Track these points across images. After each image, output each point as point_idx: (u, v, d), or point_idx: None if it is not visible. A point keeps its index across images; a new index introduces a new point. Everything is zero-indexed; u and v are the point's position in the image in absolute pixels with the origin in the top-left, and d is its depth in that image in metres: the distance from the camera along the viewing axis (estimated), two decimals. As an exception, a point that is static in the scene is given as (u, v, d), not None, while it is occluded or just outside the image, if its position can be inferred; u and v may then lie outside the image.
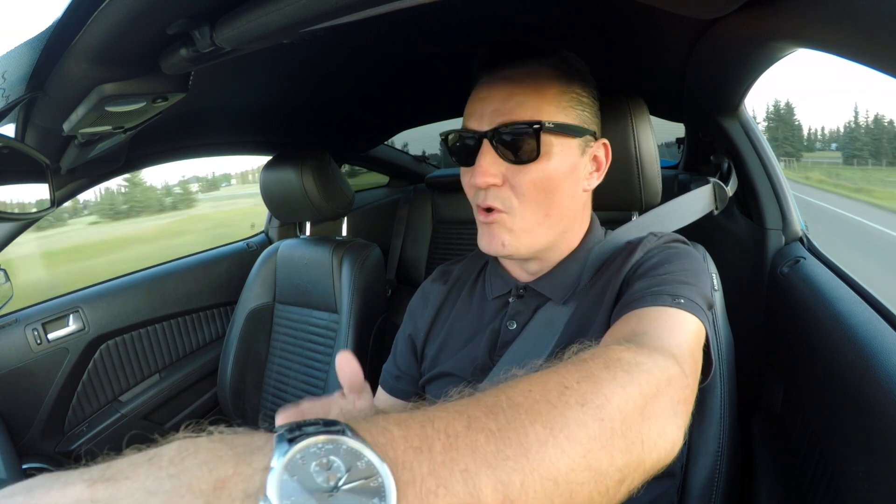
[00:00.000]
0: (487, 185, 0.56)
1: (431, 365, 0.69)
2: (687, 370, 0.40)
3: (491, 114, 0.56)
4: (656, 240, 0.61)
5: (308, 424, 0.22)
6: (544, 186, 0.56)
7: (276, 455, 0.20)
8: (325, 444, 0.21)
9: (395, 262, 1.86)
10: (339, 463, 0.20)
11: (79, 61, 0.51)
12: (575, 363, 0.34)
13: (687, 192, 0.77)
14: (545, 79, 0.57)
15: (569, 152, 0.58)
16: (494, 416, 0.26)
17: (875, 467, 0.48)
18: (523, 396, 0.28)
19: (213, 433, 0.22)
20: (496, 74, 0.57)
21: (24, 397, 1.16)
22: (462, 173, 0.61)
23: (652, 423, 0.32)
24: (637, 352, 0.37)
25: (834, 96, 45.82)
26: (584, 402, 0.29)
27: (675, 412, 0.35)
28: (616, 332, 0.47)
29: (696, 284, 0.51)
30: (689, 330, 0.46)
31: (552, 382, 0.30)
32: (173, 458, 0.20)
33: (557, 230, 0.61)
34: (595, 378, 0.32)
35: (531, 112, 0.55)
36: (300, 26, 0.44)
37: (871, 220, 7.60)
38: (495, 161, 0.55)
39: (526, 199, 0.56)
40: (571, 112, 0.58)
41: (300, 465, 0.20)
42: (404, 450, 0.22)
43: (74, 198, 1.14)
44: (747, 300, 0.95)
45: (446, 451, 0.23)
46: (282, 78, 0.97)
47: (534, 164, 0.55)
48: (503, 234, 0.58)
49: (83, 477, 0.19)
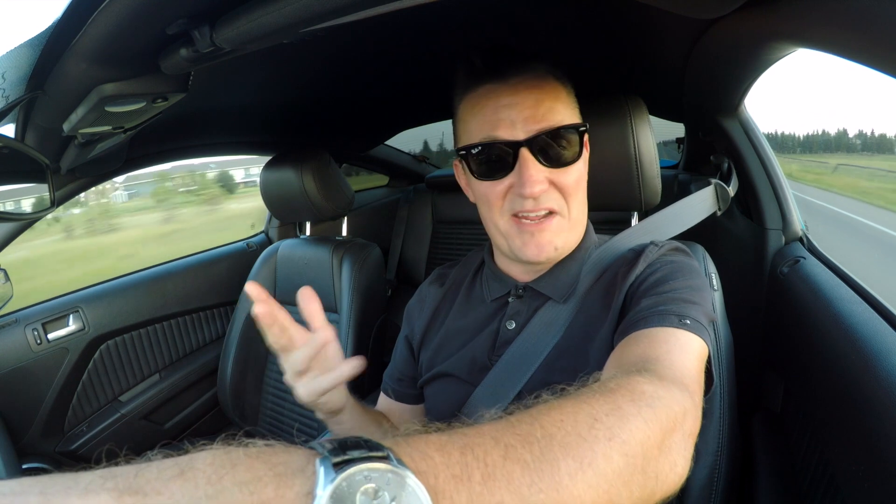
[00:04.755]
0: (539, 192, 0.56)
1: (429, 366, 0.69)
2: (697, 401, 0.41)
3: (524, 121, 0.56)
4: (657, 249, 0.61)
5: (351, 447, 0.21)
6: (581, 184, 0.60)
7: (321, 481, 0.19)
8: (371, 471, 0.20)
9: (395, 262, 1.86)
10: (384, 493, 0.20)
11: (79, 61, 0.51)
12: (602, 394, 0.34)
13: (689, 195, 0.76)
14: (553, 82, 0.58)
15: (585, 149, 0.61)
16: (529, 447, 0.27)
17: (875, 467, 0.48)
18: (556, 427, 0.29)
19: (248, 446, 0.21)
20: (504, 81, 0.57)
21: (24, 397, 1.16)
22: (487, 186, 0.59)
23: (666, 458, 0.33)
24: (658, 385, 0.38)
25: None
26: (612, 436, 0.30)
27: (686, 446, 0.36)
28: (626, 355, 0.48)
29: (700, 303, 0.52)
30: (696, 355, 0.47)
31: (582, 413, 0.31)
32: (209, 475, 0.19)
33: (585, 225, 0.65)
34: (622, 412, 0.32)
35: (561, 116, 0.57)
36: (300, 26, 0.44)
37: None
38: (539, 168, 0.56)
39: (572, 198, 0.59)
40: (577, 110, 0.62)
41: (346, 492, 0.19)
42: (445, 478, 0.23)
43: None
44: (747, 300, 0.95)
45: (485, 481, 0.24)
46: (282, 78, 0.97)
47: (574, 165, 0.58)
48: (554, 238, 0.59)
49: (107, 485, 0.17)
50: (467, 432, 0.27)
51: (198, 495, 0.18)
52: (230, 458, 0.20)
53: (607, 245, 0.64)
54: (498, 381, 0.60)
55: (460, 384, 0.64)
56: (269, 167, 1.32)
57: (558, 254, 0.61)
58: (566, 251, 0.62)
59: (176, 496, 0.17)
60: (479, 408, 0.60)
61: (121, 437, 1.28)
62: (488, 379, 0.60)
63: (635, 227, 0.68)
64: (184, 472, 0.18)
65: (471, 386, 0.62)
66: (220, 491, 0.18)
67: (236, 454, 0.20)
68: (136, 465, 0.19)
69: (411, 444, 0.24)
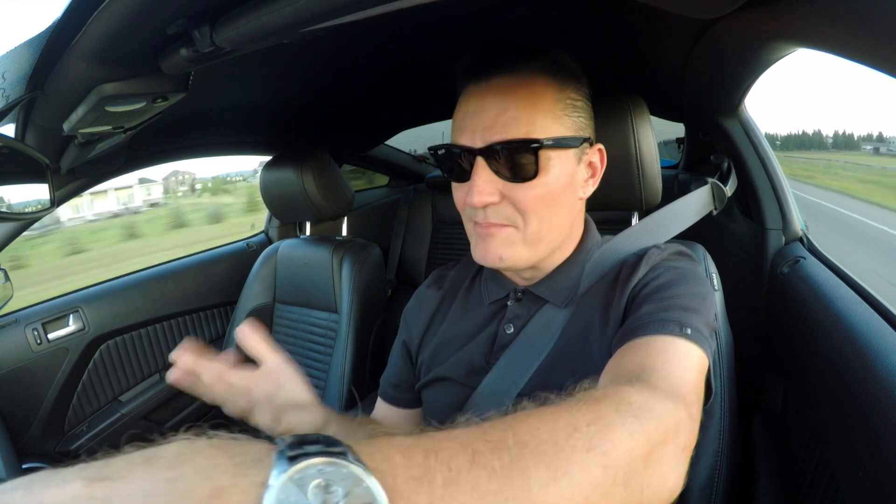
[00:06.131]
0: (485, 203, 0.54)
1: (427, 370, 0.68)
2: (694, 413, 0.40)
3: (483, 130, 0.53)
4: (660, 253, 0.60)
5: (309, 442, 0.22)
6: (546, 201, 0.55)
7: (274, 471, 0.20)
8: (326, 465, 0.20)
9: (395, 262, 1.86)
10: (337, 487, 0.20)
11: (79, 61, 0.51)
12: (587, 402, 0.33)
13: (685, 195, 0.76)
14: (539, 86, 0.54)
15: (566, 164, 0.56)
16: (499, 454, 0.26)
17: (875, 467, 0.48)
18: (531, 434, 0.28)
19: (211, 437, 0.22)
20: (486, 83, 0.55)
21: (24, 397, 1.16)
22: (455, 188, 0.59)
23: (654, 471, 0.32)
24: (649, 395, 0.36)
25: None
26: (591, 446, 0.29)
27: (679, 460, 0.35)
28: (623, 364, 0.47)
29: (703, 311, 0.51)
30: (695, 365, 0.46)
31: (561, 422, 0.30)
32: (171, 461, 0.20)
33: (556, 242, 0.60)
34: (605, 422, 0.31)
35: (526, 128, 0.53)
36: (300, 26, 0.44)
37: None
38: (491, 179, 0.54)
39: (529, 214, 0.55)
40: (567, 120, 0.56)
41: (298, 484, 0.19)
42: (405, 480, 0.22)
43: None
44: (747, 300, 0.95)
45: (447, 485, 0.23)
46: (282, 78, 0.97)
47: (534, 181, 0.54)
48: (501, 249, 0.56)
49: (81, 474, 0.19)
50: (435, 436, 0.26)
51: (158, 479, 0.19)
52: (193, 447, 0.20)
53: (607, 246, 0.63)
54: (496, 385, 0.59)
55: (458, 387, 0.63)
56: (269, 167, 1.32)
57: (504, 266, 0.58)
58: (520, 266, 0.59)
59: (139, 480, 0.19)
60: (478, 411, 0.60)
61: (121, 437, 1.28)
62: (486, 382, 0.60)
63: (634, 227, 0.67)
64: (148, 459, 0.20)
65: (469, 389, 0.62)
66: (179, 476, 0.19)
67: (199, 444, 0.21)
68: (108, 457, 0.20)
69: (372, 445, 0.24)
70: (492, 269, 0.68)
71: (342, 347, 1.19)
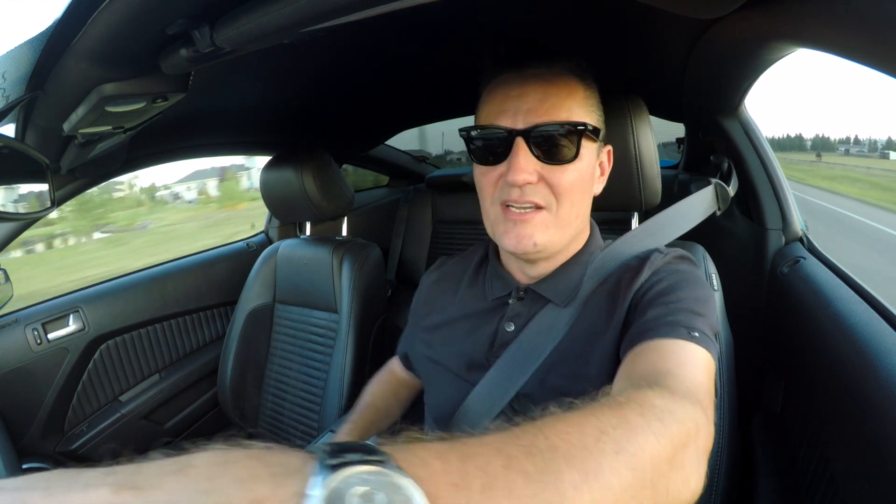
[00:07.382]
0: (525, 182, 0.56)
1: (426, 344, 0.71)
2: (709, 416, 0.41)
3: (526, 112, 0.56)
4: (662, 257, 0.61)
5: (349, 450, 0.22)
6: (579, 187, 0.58)
7: (316, 481, 0.19)
8: (366, 474, 0.20)
9: (395, 262, 1.86)
10: (379, 497, 0.20)
11: (79, 61, 0.51)
12: (611, 407, 0.34)
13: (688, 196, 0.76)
14: (572, 83, 0.58)
15: (593, 155, 0.60)
16: (532, 458, 0.26)
17: (875, 467, 0.48)
18: (560, 438, 0.28)
19: (247, 447, 0.21)
20: (524, 73, 0.57)
21: (24, 397, 1.16)
22: (482, 172, 0.60)
23: (678, 473, 0.33)
24: (669, 399, 0.37)
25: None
26: (620, 449, 0.29)
27: (699, 462, 0.36)
28: (637, 367, 0.47)
29: (707, 315, 0.52)
30: (704, 368, 0.47)
31: (589, 426, 0.30)
32: (205, 471, 0.19)
33: (577, 230, 0.63)
34: (631, 425, 0.32)
35: (566, 114, 0.56)
36: (300, 26, 0.44)
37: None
38: (530, 159, 0.56)
39: (564, 198, 0.58)
40: (594, 116, 0.60)
41: (340, 493, 0.19)
42: (444, 485, 0.22)
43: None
44: (747, 300, 0.95)
45: (484, 490, 0.23)
46: (282, 78, 0.97)
47: (570, 165, 0.57)
48: (536, 233, 0.58)
49: (107, 480, 0.18)
50: (469, 442, 0.26)
51: (192, 490, 0.18)
52: (228, 458, 0.20)
53: (610, 249, 0.63)
54: (496, 382, 0.60)
55: (457, 381, 0.64)
56: (269, 167, 1.31)
57: (537, 251, 0.59)
58: (550, 251, 0.61)
59: (173, 491, 0.18)
60: (477, 407, 0.60)
61: (121, 437, 1.28)
62: (486, 379, 0.60)
63: (637, 229, 0.67)
64: (182, 468, 0.19)
65: (468, 384, 0.62)
66: (216, 487, 0.18)
67: (235, 454, 0.20)
68: (136, 462, 0.19)
69: (410, 451, 0.24)
70: (497, 264, 0.69)
71: (342, 347, 1.19)
